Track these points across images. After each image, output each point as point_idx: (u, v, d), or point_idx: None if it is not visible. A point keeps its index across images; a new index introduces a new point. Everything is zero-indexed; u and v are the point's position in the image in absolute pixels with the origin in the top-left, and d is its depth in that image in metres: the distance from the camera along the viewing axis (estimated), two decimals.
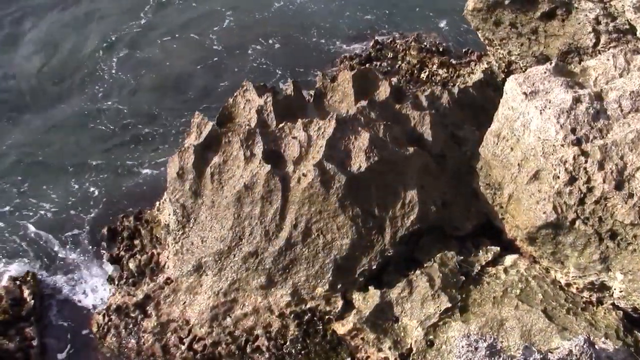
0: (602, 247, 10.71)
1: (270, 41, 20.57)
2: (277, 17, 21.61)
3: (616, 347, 9.74)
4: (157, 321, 12.48)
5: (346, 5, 21.94)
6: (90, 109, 18.48)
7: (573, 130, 10.63)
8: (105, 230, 14.67)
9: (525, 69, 13.81)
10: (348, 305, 11.98)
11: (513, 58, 14.74)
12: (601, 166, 10.35)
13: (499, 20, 14.11)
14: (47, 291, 13.77)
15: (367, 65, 17.79)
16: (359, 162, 12.00)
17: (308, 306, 12.10)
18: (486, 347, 8.18)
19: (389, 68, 18.30)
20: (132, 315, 12.66)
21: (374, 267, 12.05)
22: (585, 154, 10.48)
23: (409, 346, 11.25)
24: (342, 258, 11.97)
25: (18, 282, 13.56)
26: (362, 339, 11.67)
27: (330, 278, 11.99)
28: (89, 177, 16.31)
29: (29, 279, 13.62)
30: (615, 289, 10.99)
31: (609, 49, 12.59)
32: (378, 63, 18.52)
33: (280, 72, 19.29)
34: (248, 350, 12.02)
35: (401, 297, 11.69)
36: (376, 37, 19.86)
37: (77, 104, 18.68)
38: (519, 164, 11.39)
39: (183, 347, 12.21)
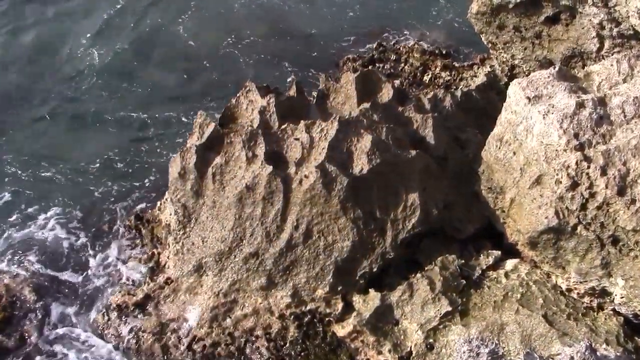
0: (603, 252, 10.69)
1: (272, 38, 20.60)
2: (277, 13, 21.62)
3: (617, 353, 9.72)
4: (156, 321, 12.48)
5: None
6: (88, 106, 18.48)
7: (576, 135, 10.61)
8: (105, 229, 14.72)
9: (529, 73, 13.77)
10: (348, 308, 11.95)
11: (516, 62, 14.71)
12: (604, 172, 10.32)
13: (503, 24, 14.06)
14: (49, 289, 13.76)
15: (370, 67, 17.79)
16: (361, 164, 11.98)
17: (308, 308, 12.08)
18: (488, 352, 8.17)
19: (391, 70, 18.28)
20: (132, 314, 12.66)
21: (375, 269, 12.03)
22: (587, 159, 10.46)
23: (408, 349, 11.24)
24: (343, 260, 11.95)
25: (18, 279, 13.59)
26: (362, 341, 11.66)
27: (331, 280, 11.97)
28: (90, 176, 16.29)
29: (28, 276, 13.66)
30: (616, 295, 10.97)
31: (612, 54, 12.56)
32: (381, 65, 18.51)
33: (282, 71, 19.26)
34: (247, 351, 12.02)
35: (401, 300, 11.67)
36: (378, 41, 19.84)
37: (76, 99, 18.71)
38: (521, 169, 11.37)
39: (182, 347, 12.21)
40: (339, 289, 12.01)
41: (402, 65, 18.57)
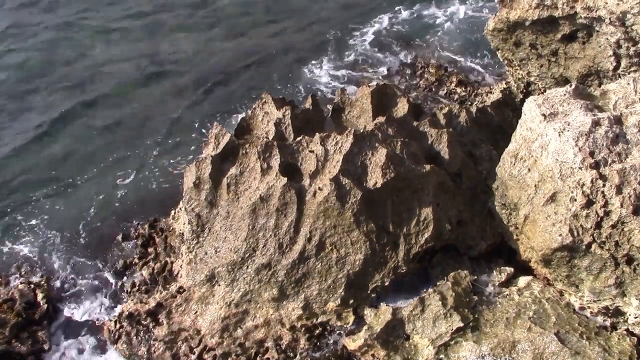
0: (617, 272, 10.61)
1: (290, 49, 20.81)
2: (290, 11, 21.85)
3: None
4: (168, 329, 12.52)
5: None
6: (101, 112, 18.69)
7: (591, 154, 10.58)
8: (119, 238, 14.82)
9: (544, 90, 13.80)
10: (359, 321, 11.96)
11: (532, 79, 14.72)
12: (619, 190, 10.28)
13: (519, 41, 14.10)
14: (60, 295, 13.85)
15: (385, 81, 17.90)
16: (375, 178, 12.02)
17: (319, 320, 12.09)
18: None
19: (407, 85, 18.36)
20: (144, 322, 12.71)
21: (387, 283, 12.03)
22: (603, 177, 10.42)
23: None
24: (355, 273, 11.96)
25: (32, 286, 13.70)
26: (373, 355, 11.62)
27: (343, 293, 11.98)
28: (104, 184, 16.42)
29: (42, 282, 13.77)
30: (630, 315, 10.88)
31: (629, 73, 12.55)
32: (397, 79, 18.60)
33: (298, 82, 19.39)
34: None
35: (413, 314, 11.64)
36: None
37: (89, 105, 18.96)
38: (535, 186, 11.35)
39: (193, 357, 12.22)
40: (350, 302, 12.01)
41: (418, 79, 18.66)
